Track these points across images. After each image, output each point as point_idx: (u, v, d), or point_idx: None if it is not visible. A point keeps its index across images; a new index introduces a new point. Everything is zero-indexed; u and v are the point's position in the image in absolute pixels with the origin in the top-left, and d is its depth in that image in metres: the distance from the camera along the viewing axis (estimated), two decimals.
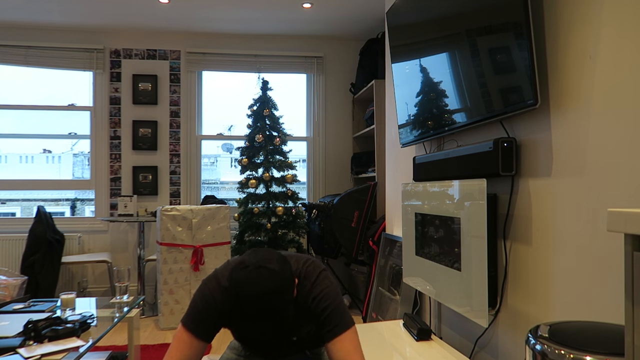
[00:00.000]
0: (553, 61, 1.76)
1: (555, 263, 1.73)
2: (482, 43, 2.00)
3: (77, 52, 4.61)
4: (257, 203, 4.22)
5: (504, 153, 1.91)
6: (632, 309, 0.77)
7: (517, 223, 1.96)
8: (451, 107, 2.32)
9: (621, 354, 0.98)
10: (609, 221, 0.79)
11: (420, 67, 2.62)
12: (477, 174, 2.01)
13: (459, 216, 2.09)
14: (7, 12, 4.19)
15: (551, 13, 1.76)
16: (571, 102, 1.67)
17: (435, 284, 2.33)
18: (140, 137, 4.68)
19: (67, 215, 6.34)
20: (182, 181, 4.78)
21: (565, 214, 1.70)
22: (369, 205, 4.00)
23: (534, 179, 1.86)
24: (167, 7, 4.07)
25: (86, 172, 4.99)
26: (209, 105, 4.92)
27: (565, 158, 1.70)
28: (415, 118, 2.75)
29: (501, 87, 1.92)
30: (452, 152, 2.26)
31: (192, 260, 3.77)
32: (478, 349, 2.21)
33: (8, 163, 8.04)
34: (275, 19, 4.41)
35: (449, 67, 2.30)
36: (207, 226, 3.85)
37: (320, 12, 4.22)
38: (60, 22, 4.43)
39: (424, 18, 2.55)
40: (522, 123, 1.93)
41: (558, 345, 1.11)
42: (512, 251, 1.97)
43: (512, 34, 1.80)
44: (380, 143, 4.15)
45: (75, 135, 4.86)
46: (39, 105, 4.68)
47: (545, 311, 1.77)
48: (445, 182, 2.24)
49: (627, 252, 0.78)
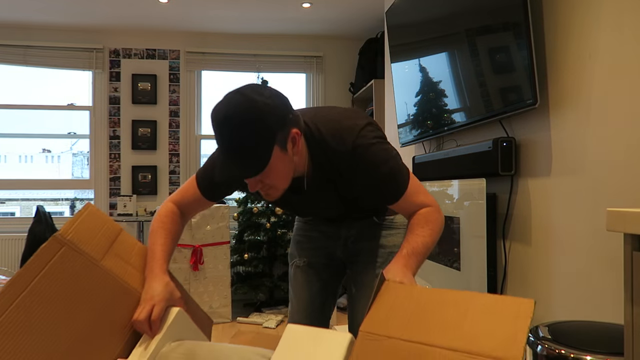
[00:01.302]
0: (552, 61, 1.76)
1: (555, 263, 1.73)
2: (482, 43, 2.00)
3: (76, 52, 4.61)
4: (257, 202, 4.22)
5: (503, 153, 1.91)
6: (632, 309, 0.77)
7: (516, 223, 1.96)
8: (450, 107, 2.32)
9: (621, 353, 0.98)
10: (609, 221, 0.79)
11: (420, 67, 2.62)
12: (477, 174, 2.01)
13: (459, 216, 2.09)
14: (6, 12, 4.19)
15: (551, 13, 1.76)
16: (570, 101, 1.67)
17: (435, 283, 2.33)
18: (139, 137, 4.68)
19: (66, 214, 6.34)
20: (182, 181, 4.77)
21: (564, 214, 1.70)
22: None
23: (533, 179, 1.86)
24: (167, 6, 4.06)
25: (85, 171, 4.98)
26: (208, 105, 4.91)
27: (565, 158, 1.70)
28: (414, 118, 2.75)
29: (500, 87, 1.91)
30: (452, 152, 2.26)
31: (192, 260, 3.77)
32: None
33: (7, 162, 8.03)
34: (275, 19, 4.40)
35: (448, 66, 2.30)
36: (207, 226, 3.85)
37: (320, 11, 4.21)
38: (60, 21, 4.42)
39: (424, 18, 2.55)
40: (522, 123, 1.93)
41: (558, 345, 1.11)
42: (512, 251, 1.97)
43: (511, 33, 1.80)
44: None
45: (74, 134, 4.86)
46: (39, 105, 4.68)
47: (545, 311, 1.77)
48: (445, 182, 2.24)
49: (627, 252, 0.78)
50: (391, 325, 0.91)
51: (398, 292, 0.97)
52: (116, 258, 1.15)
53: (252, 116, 1.05)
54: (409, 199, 1.23)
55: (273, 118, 1.08)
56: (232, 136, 1.05)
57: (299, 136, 1.15)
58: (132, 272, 1.17)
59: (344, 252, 1.46)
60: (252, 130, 1.05)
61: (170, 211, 1.31)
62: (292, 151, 1.14)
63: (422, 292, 0.94)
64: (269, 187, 1.15)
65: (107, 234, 1.16)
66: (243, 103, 1.05)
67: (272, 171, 1.11)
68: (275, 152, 1.09)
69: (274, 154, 1.08)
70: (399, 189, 1.22)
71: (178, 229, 1.32)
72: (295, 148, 1.15)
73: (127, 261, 1.17)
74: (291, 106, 1.15)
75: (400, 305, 0.93)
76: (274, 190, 1.17)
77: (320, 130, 1.21)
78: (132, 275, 1.16)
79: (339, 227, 1.45)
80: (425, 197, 1.25)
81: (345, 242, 1.45)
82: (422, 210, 1.22)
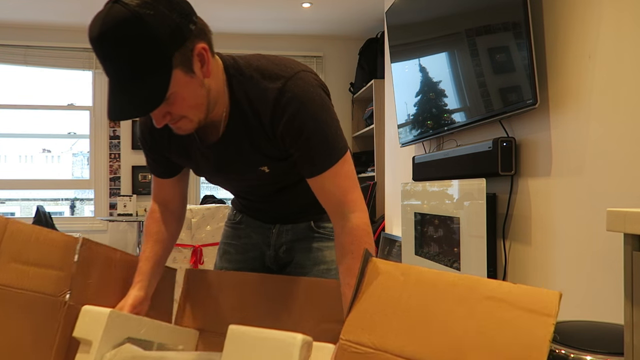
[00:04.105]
0: (552, 61, 1.76)
1: (555, 263, 1.73)
2: (482, 43, 2.00)
3: (76, 52, 4.61)
4: None
5: (503, 153, 1.91)
6: (632, 309, 0.77)
7: (516, 223, 1.96)
8: (450, 107, 2.32)
9: (621, 353, 0.98)
10: (609, 221, 0.79)
11: (420, 67, 2.62)
12: (477, 174, 2.01)
13: (459, 216, 2.09)
14: (6, 12, 4.19)
15: (551, 13, 1.76)
16: (570, 101, 1.67)
17: None
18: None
19: (66, 214, 6.34)
20: None
21: (564, 214, 1.70)
22: (369, 205, 4.00)
23: (533, 179, 1.86)
24: None
25: (85, 171, 4.98)
26: None
27: (565, 158, 1.70)
28: (414, 118, 2.75)
29: (500, 87, 1.92)
30: (452, 152, 2.26)
31: (192, 259, 3.77)
32: None
33: (7, 163, 8.04)
34: (275, 19, 4.40)
35: (448, 66, 2.30)
36: (207, 226, 3.85)
37: (320, 11, 4.21)
38: (60, 21, 4.42)
39: (424, 18, 2.55)
40: (522, 123, 1.93)
41: (559, 345, 1.11)
42: (512, 251, 1.97)
43: (511, 33, 1.80)
44: (379, 143, 4.15)
45: (74, 134, 4.86)
46: (39, 105, 4.68)
47: None
48: (445, 182, 2.24)
49: (627, 252, 0.78)
50: (380, 330, 0.71)
51: (389, 278, 0.75)
52: (10, 264, 0.92)
53: (134, 31, 0.81)
54: (337, 181, 0.98)
55: (165, 30, 0.83)
56: (111, 59, 0.84)
57: (207, 52, 0.92)
58: (36, 274, 0.93)
59: (275, 262, 1.27)
60: (135, 49, 0.83)
61: (151, 212, 1.21)
62: (202, 72, 0.92)
63: (419, 279, 0.73)
64: (179, 117, 0.94)
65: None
66: (122, 14, 0.81)
67: (177, 98, 0.90)
68: (176, 76, 0.87)
69: (174, 78, 0.86)
70: (328, 157, 0.97)
71: (162, 228, 1.20)
72: (206, 68, 0.92)
73: (25, 262, 0.94)
74: (194, 14, 0.91)
75: (392, 299, 0.72)
76: (185, 122, 0.95)
77: (251, 64, 1.00)
78: (38, 277, 0.93)
79: (269, 233, 1.25)
80: (358, 196, 1.00)
81: (277, 252, 1.25)
82: (354, 229, 0.97)
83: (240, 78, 1.00)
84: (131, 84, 0.85)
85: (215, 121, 1.02)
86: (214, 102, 0.98)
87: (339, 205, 0.99)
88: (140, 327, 1.04)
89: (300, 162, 1.01)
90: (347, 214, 0.98)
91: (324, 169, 0.98)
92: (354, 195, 0.99)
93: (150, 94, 0.86)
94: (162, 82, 0.86)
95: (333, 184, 0.98)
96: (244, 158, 1.06)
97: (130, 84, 0.85)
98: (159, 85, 0.86)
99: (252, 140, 1.02)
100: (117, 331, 0.98)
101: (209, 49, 0.94)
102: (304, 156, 0.99)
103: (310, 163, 0.99)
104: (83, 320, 0.97)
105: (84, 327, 0.97)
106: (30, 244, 0.95)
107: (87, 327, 0.96)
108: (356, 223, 0.97)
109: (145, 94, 0.86)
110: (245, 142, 1.03)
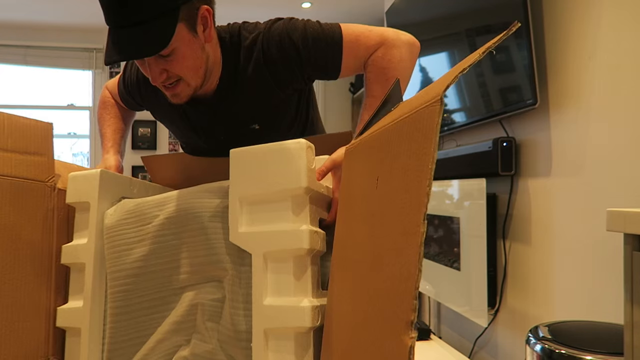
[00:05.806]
0: (552, 61, 1.76)
1: (555, 263, 1.73)
2: (482, 43, 2.01)
3: (76, 52, 4.61)
4: None
5: (503, 153, 1.91)
6: (632, 309, 0.77)
7: (516, 223, 1.96)
8: (450, 107, 2.32)
9: (621, 353, 0.98)
10: (609, 221, 0.79)
11: (420, 67, 2.62)
12: (477, 174, 2.01)
13: (459, 216, 2.09)
14: (6, 12, 4.19)
15: (551, 13, 1.76)
16: (570, 101, 1.67)
17: (435, 283, 2.33)
18: (139, 137, 4.68)
19: None
20: None
21: (564, 214, 1.70)
22: None
23: (534, 179, 1.86)
24: None
25: None
26: None
27: (565, 158, 1.70)
28: None
29: (500, 87, 1.92)
30: (452, 152, 2.26)
31: None
32: (477, 348, 2.21)
33: None
34: None
35: (448, 66, 2.30)
36: None
37: (320, 12, 4.21)
38: (60, 21, 4.42)
39: (424, 18, 2.55)
40: (522, 123, 1.93)
41: (558, 345, 1.11)
42: (512, 251, 1.97)
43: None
44: None
45: (74, 135, 4.86)
46: (38, 105, 4.68)
47: (545, 311, 1.77)
48: (445, 182, 2.25)
49: (627, 252, 0.78)
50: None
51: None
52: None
53: None
54: (355, 52, 0.99)
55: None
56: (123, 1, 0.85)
57: (211, 17, 0.94)
58: (19, 160, 0.90)
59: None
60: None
61: (108, 97, 1.22)
62: (204, 36, 0.94)
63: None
64: (176, 78, 0.94)
65: None
66: None
67: (177, 55, 0.90)
68: (180, 30, 0.88)
69: (178, 32, 0.87)
70: (332, 56, 0.99)
71: (121, 109, 1.21)
72: (208, 32, 0.95)
73: (4, 149, 0.91)
74: None
75: None
76: (182, 87, 0.95)
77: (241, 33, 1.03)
78: (22, 163, 0.90)
79: None
80: (375, 35, 1.00)
81: None
82: (375, 55, 0.99)
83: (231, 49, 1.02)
84: (136, 27, 0.85)
85: (208, 92, 1.03)
86: (210, 70, 0.99)
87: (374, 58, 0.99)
88: (132, 187, 1.03)
89: (316, 75, 1.04)
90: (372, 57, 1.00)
91: (338, 66, 1.00)
92: (376, 37, 1.00)
93: (154, 38, 0.85)
94: (167, 28, 0.86)
95: (357, 57, 1.00)
96: (234, 119, 1.07)
97: (134, 27, 0.85)
98: (163, 31, 0.86)
99: (245, 98, 1.04)
100: (111, 190, 0.96)
101: (213, 15, 0.95)
102: (314, 66, 1.00)
103: (323, 70, 1.02)
104: (73, 185, 0.94)
105: (76, 191, 0.94)
106: (5, 129, 0.92)
107: (80, 190, 0.94)
108: (379, 53, 1.00)
109: (148, 37, 0.85)
110: (238, 103, 1.05)
